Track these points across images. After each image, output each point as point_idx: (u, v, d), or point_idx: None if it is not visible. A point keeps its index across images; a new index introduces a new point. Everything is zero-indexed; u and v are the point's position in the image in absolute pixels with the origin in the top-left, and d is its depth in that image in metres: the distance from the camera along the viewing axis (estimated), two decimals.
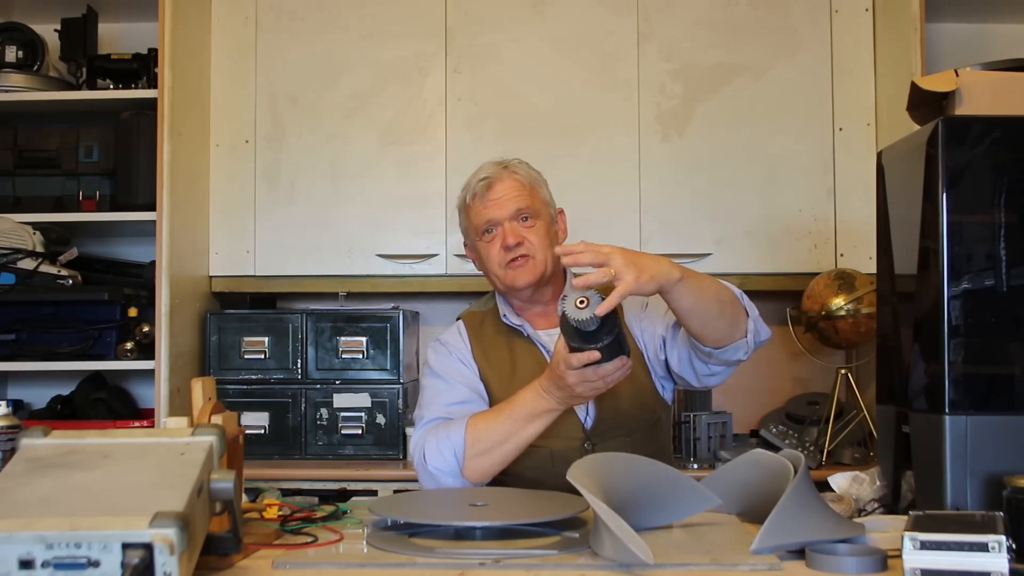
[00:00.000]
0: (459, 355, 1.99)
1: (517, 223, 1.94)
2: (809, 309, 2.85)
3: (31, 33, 3.07)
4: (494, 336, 2.00)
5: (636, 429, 1.92)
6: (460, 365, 1.98)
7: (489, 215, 1.94)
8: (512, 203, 1.94)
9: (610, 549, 1.23)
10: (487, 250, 1.96)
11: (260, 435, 2.93)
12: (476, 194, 1.96)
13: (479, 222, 1.96)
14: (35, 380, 3.20)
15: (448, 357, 1.99)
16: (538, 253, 1.93)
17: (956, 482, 1.40)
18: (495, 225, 1.95)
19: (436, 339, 2.05)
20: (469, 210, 1.99)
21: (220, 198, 3.10)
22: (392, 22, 3.09)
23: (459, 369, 1.97)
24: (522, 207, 1.94)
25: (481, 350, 1.99)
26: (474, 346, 2.00)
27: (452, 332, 2.05)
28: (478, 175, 1.99)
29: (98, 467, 1.14)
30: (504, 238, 1.92)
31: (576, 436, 1.89)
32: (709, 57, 3.05)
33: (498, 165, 2.00)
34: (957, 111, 1.58)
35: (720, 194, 3.03)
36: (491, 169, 1.99)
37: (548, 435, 1.82)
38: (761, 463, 1.46)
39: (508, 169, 1.98)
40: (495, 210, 1.94)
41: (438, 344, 2.03)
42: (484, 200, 1.95)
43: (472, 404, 1.91)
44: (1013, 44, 3.21)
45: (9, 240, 2.86)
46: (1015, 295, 1.44)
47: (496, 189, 1.95)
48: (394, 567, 1.24)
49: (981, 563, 1.07)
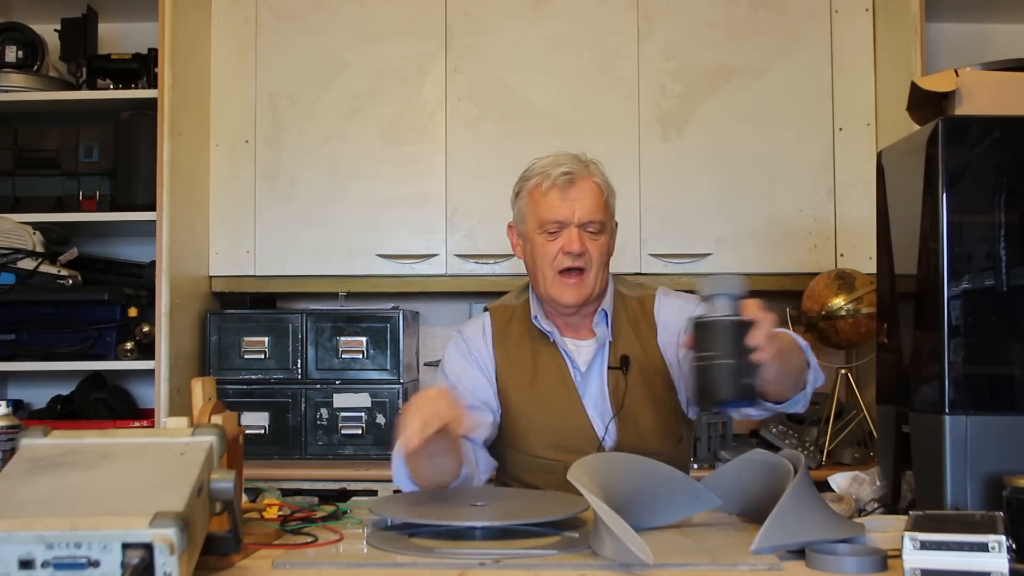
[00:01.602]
0: (477, 356, 1.93)
1: (585, 231, 1.85)
2: (809, 309, 2.85)
3: (31, 33, 3.07)
4: (519, 337, 1.93)
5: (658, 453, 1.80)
6: (474, 370, 1.91)
7: (562, 215, 1.84)
8: (588, 211, 1.84)
9: (610, 549, 1.23)
10: (544, 248, 1.86)
11: (260, 435, 2.93)
12: (555, 186, 1.85)
13: (548, 216, 1.85)
14: (35, 380, 3.20)
15: (465, 359, 1.92)
16: (593, 268, 1.86)
17: (956, 482, 1.41)
18: (564, 226, 1.85)
19: (458, 331, 1.97)
20: (539, 199, 1.87)
21: (220, 198, 3.10)
22: (392, 22, 3.09)
23: (470, 374, 1.90)
24: (595, 218, 1.85)
25: (504, 353, 1.92)
26: (497, 347, 1.93)
27: (475, 327, 1.96)
28: (559, 165, 1.86)
29: (98, 467, 1.14)
30: (569, 244, 1.83)
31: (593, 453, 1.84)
32: (709, 57, 3.05)
33: (579, 161, 1.89)
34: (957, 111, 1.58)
35: (720, 194, 3.03)
36: (573, 164, 1.88)
37: (565, 452, 1.77)
38: (761, 463, 1.46)
39: (589, 169, 1.89)
40: (569, 211, 1.84)
41: (459, 338, 1.96)
42: (563, 196, 1.84)
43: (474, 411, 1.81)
44: (1013, 44, 3.21)
45: (9, 240, 2.86)
46: (1015, 295, 1.44)
47: (577, 188, 1.85)
48: (394, 567, 1.24)
49: (981, 563, 1.07)
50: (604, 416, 1.87)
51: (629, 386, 1.87)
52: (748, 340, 1.32)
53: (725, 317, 1.34)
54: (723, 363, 1.32)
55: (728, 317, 1.34)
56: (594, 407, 1.89)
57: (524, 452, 1.89)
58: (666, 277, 2.97)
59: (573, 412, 1.88)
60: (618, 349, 1.91)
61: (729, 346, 1.32)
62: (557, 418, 1.87)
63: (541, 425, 1.87)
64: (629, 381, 1.88)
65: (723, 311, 1.35)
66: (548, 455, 1.85)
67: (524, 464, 1.90)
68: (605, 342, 1.91)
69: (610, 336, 1.92)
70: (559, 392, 1.88)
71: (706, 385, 1.34)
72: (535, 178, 1.89)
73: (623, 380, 1.88)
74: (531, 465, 1.89)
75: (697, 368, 1.35)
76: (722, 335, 1.33)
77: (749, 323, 1.33)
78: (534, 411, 1.88)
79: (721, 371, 1.32)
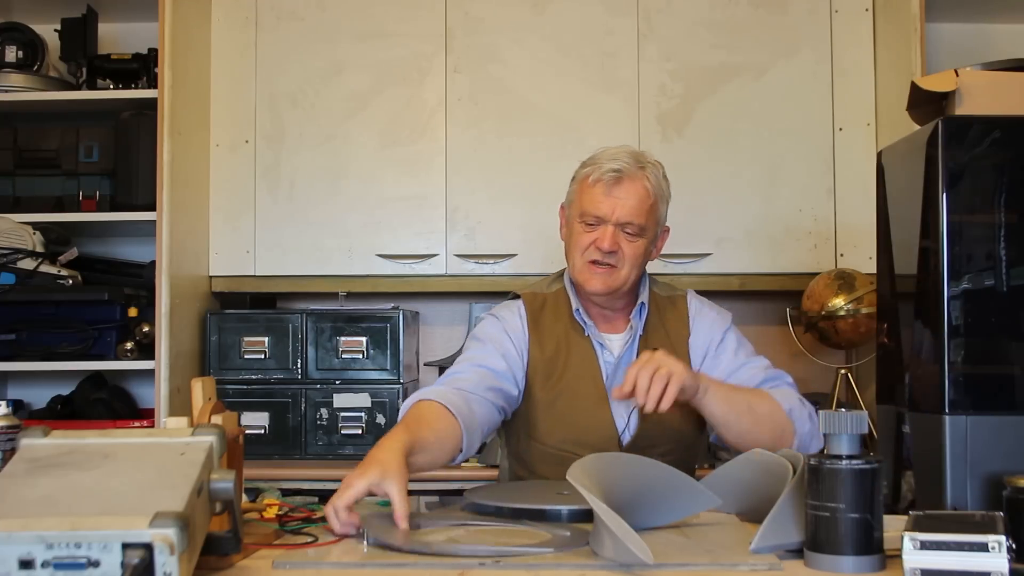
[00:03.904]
0: (514, 335, 1.91)
1: (621, 231, 1.86)
2: (809, 309, 2.85)
3: (31, 33, 3.07)
4: (552, 324, 1.93)
5: (673, 450, 1.88)
6: (509, 343, 1.90)
7: (602, 211, 1.85)
8: (629, 213, 1.85)
9: (610, 549, 1.23)
10: (580, 236, 1.88)
11: (260, 435, 2.93)
12: (602, 180, 1.85)
13: (588, 209, 1.86)
14: (35, 380, 3.20)
15: (502, 333, 1.91)
16: (625, 267, 1.87)
17: (956, 482, 1.41)
18: (601, 222, 1.86)
19: (492, 313, 1.97)
20: (586, 189, 1.88)
21: (220, 198, 3.10)
22: (392, 22, 3.09)
23: (505, 344, 1.89)
24: (635, 221, 1.86)
25: (537, 338, 1.92)
26: (531, 335, 1.92)
27: (511, 311, 1.96)
28: (613, 160, 1.87)
29: (98, 467, 1.13)
30: (601, 240, 1.85)
31: (611, 449, 1.85)
32: (709, 57, 3.05)
33: (635, 160, 1.88)
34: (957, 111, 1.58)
35: (720, 194, 3.03)
36: (627, 161, 1.87)
37: (581, 445, 1.78)
38: (761, 463, 1.46)
39: (644, 170, 1.88)
40: (608, 209, 1.85)
41: (493, 318, 1.95)
42: (607, 192, 1.85)
43: (500, 376, 1.84)
44: (1013, 44, 3.21)
45: (9, 240, 2.86)
46: (1015, 295, 1.44)
47: (623, 187, 1.85)
48: (394, 567, 1.24)
49: (981, 563, 1.07)
50: (628, 406, 1.88)
51: None
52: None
53: (850, 465, 1.18)
54: (849, 517, 1.17)
55: (853, 465, 1.18)
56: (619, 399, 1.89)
57: (541, 442, 1.90)
58: (666, 277, 2.95)
59: (597, 405, 1.89)
60: (648, 343, 1.92)
61: (852, 497, 1.17)
62: (579, 411, 1.88)
63: (563, 415, 1.88)
64: None
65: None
66: (565, 448, 1.85)
67: (539, 454, 1.90)
68: (636, 335, 1.94)
69: (641, 330, 1.94)
70: (585, 385, 1.90)
71: (825, 535, 1.18)
72: (588, 167, 1.90)
73: None
74: (547, 456, 1.89)
75: (815, 517, 1.20)
76: (845, 484, 1.17)
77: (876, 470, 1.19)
78: (558, 401, 1.89)
79: (846, 524, 1.17)
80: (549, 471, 1.88)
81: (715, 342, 1.94)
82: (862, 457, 1.19)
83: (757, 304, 3.27)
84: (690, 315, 1.98)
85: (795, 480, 1.30)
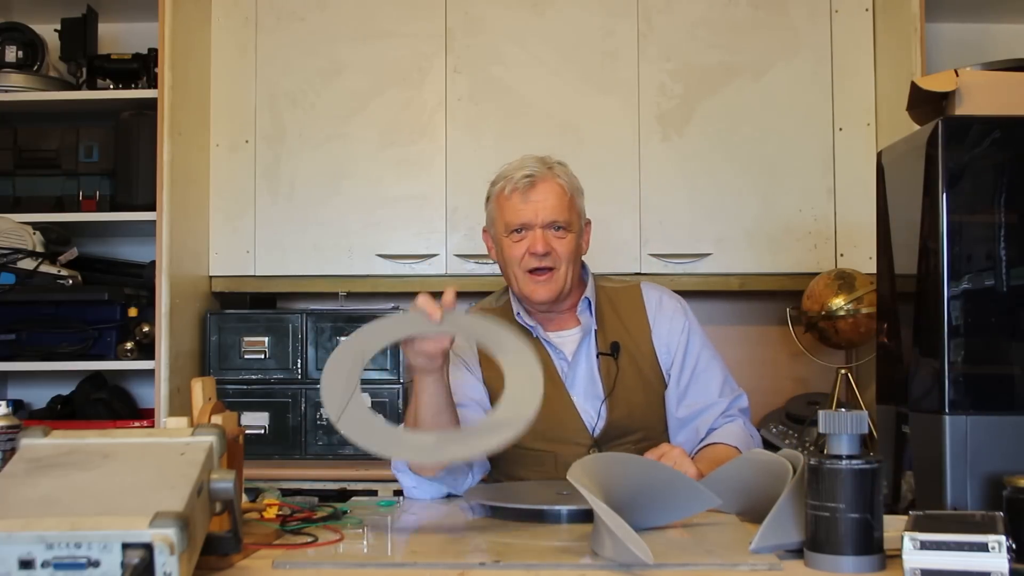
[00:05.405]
0: (464, 359, 1.96)
1: (550, 231, 1.90)
2: (809, 309, 2.85)
3: (31, 33, 3.07)
4: None
5: (645, 438, 1.91)
6: (460, 370, 1.95)
7: (525, 217, 1.90)
8: (550, 212, 1.89)
9: (610, 549, 1.23)
10: (511, 250, 1.92)
11: (260, 435, 2.93)
12: (517, 189, 1.90)
13: (512, 219, 1.91)
14: (35, 380, 3.20)
15: (458, 368, 1.95)
16: (562, 266, 1.91)
17: (956, 482, 1.40)
18: (527, 228, 1.90)
19: None
20: (504, 202, 1.93)
21: (220, 198, 3.10)
22: (392, 22, 3.09)
23: (456, 374, 1.93)
24: (559, 219, 1.90)
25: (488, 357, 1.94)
26: (481, 354, 1.96)
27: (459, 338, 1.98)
28: (522, 169, 1.92)
29: (98, 467, 1.13)
30: (533, 245, 1.89)
31: (583, 443, 1.88)
32: (709, 57, 3.05)
33: (542, 163, 1.93)
34: (957, 111, 1.58)
35: (720, 194, 3.03)
36: (535, 167, 1.92)
37: (554, 441, 1.81)
38: (760, 463, 1.46)
39: (552, 171, 1.92)
40: (532, 214, 1.89)
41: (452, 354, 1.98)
42: (524, 198, 1.90)
43: (466, 408, 1.87)
44: (1013, 44, 3.21)
45: (9, 240, 2.86)
46: (1015, 295, 1.44)
47: (538, 190, 1.90)
48: (394, 567, 1.24)
49: (981, 563, 1.07)
50: (595, 401, 1.91)
51: (620, 369, 1.92)
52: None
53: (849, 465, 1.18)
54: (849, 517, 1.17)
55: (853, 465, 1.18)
56: (583, 395, 1.93)
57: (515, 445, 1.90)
58: (666, 277, 2.97)
59: (560, 403, 1.91)
60: (607, 336, 1.96)
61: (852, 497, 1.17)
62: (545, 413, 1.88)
63: None
64: (620, 365, 1.93)
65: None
66: (537, 446, 1.87)
67: (514, 457, 1.91)
68: (591, 330, 1.96)
69: (595, 324, 1.97)
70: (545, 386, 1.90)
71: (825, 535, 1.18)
72: (500, 183, 1.95)
73: (614, 365, 1.93)
74: (521, 458, 1.91)
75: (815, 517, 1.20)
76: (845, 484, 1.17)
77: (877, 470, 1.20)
78: None
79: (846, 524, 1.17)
80: (527, 472, 1.90)
81: (680, 349, 1.97)
82: (862, 457, 1.19)
83: (757, 304, 3.27)
84: (648, 309, 2.00)
85: (795, 480, 1.30)
